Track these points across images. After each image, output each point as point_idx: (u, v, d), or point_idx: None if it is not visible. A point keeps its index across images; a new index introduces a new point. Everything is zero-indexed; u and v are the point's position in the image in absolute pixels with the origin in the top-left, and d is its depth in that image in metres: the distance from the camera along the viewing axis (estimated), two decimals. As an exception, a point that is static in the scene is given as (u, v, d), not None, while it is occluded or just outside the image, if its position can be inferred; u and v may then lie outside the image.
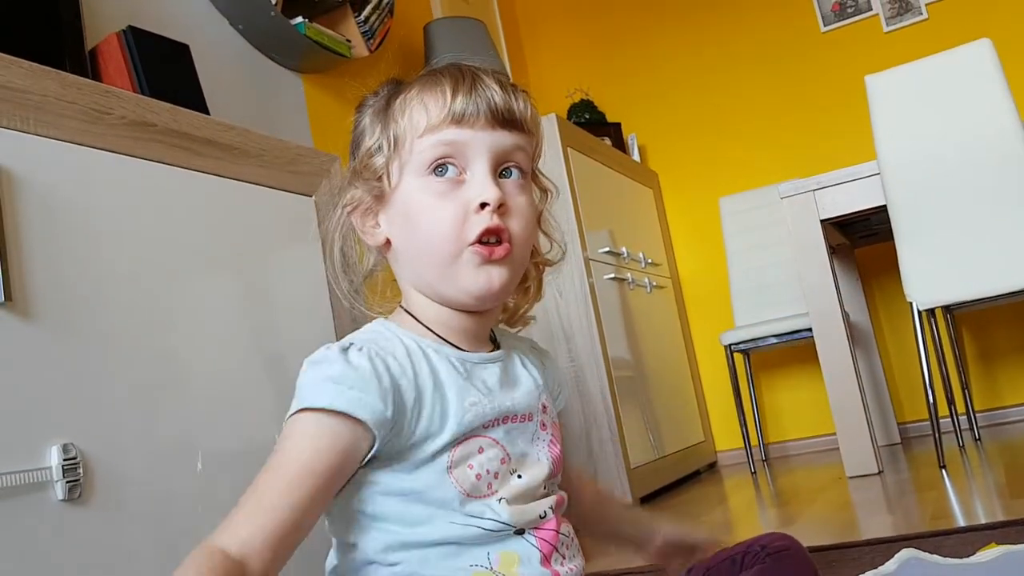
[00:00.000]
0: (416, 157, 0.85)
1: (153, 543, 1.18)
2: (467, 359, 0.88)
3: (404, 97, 0.87)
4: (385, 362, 0.80)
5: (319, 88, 2.69)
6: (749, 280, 3.47)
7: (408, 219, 0.86)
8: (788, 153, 3.58)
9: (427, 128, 0.84)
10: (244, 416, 1.41)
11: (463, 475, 0.82)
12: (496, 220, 0.83)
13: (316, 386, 0.78)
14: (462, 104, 0.83)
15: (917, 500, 2.03)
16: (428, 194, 0.84)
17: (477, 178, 0.84)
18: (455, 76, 0.85)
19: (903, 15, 3.46)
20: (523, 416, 0.88)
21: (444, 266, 0.84)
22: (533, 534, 0.85)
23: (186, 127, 1.41)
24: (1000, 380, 3.26)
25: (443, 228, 0.83)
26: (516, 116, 0.86)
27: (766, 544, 0.93)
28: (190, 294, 1.37)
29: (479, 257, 0.83)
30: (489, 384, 0.87)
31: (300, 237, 1.65)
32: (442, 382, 0.84)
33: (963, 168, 2.39)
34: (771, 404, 3.62)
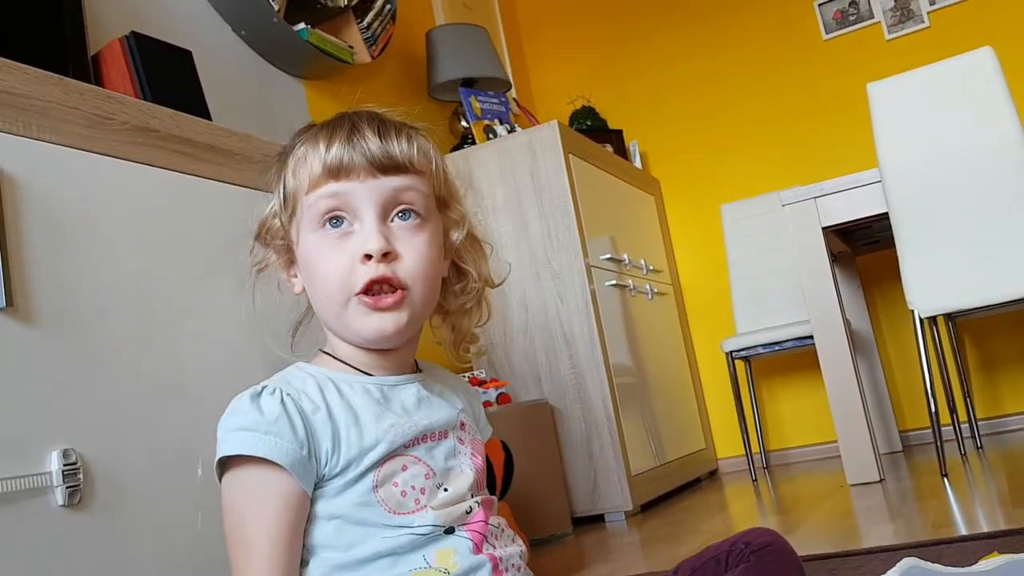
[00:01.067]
0: (307, 213, 0.87)
1: (153, 550, 1.18)
2: (383, 383, 0.91)
3: (294, 154, 0.90)
4: (297, 403, 0.84)
5: (321, 94, 2.69)
6: (750, 287, 3.47)
7: (308, 269, 0.89)
8: (790, 160, 3.58)
9: (310, 184, 0.86)
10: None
11: (388, 493, 0.85)
12: (382, 270, 0.85)
13: (231, 436, 0.82)
14: (336, 156, 0.85)
15: (919, 508, 2.03)
16: (321, 247, 0.87)
17: (364, 228, 0.86)
18: (332, 128, 0.88)
19: (905, 23, 3.46)
20: (440, 434, 0.91)
21: (337, 315, 0.88)
22: (463, 529, 0.88)
23: (188, 133, 1.41)
24: (1002, 388, 3.26)
25: (331, 279, 0.86)
26: (398, 159, 0.88)
27: (750, 541, 0.93)
28: (191, 300, 1.37)
29: (365, 307, 0.86)
30: (407, 405, 0.90)
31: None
32: (356, 411, 0.87)
33: (965, 176, 2.39)
34: (772, 411, 3.62)
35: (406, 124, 0.91)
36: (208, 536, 1.27)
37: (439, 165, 0.94)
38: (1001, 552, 1.34)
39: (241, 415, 0.83)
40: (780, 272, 3.40)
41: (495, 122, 3.08)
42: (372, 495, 0.84)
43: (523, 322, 2.77)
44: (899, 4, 3.47)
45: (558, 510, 2.52)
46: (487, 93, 3.16)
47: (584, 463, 2.68)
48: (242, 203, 1.52)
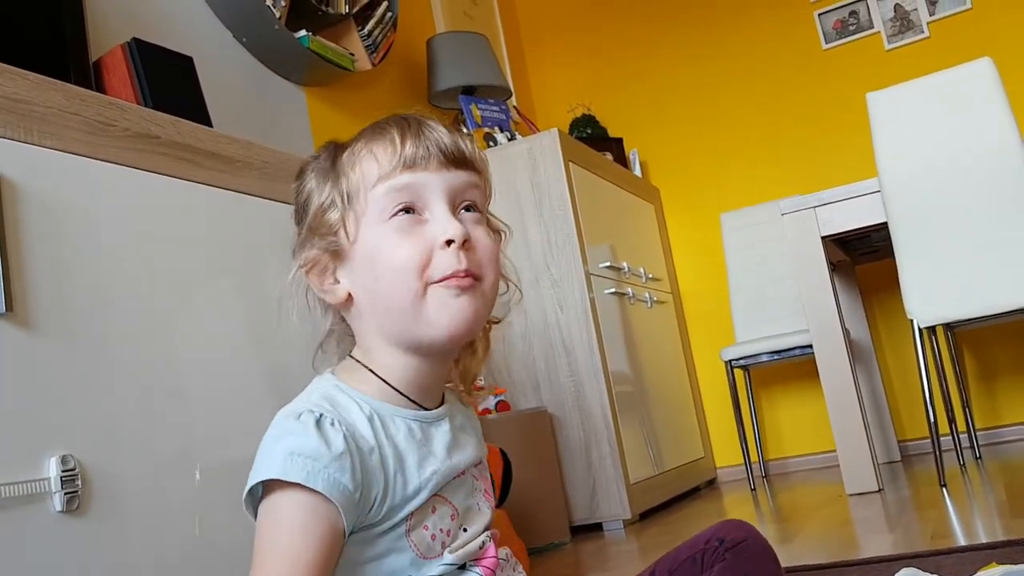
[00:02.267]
0: (372, 207, 0.84)
1: (152, 555, 1.18)
2: (423, 419, 0.87)
3: (351, 151, 0.86)
4: (356, 440, 0.80)
5: (322, 101, 2.70)
6: (750, 296, 3.47)
7: (371, 265, 0.84)
8: (789, 169, 3.59)
9: (379, 177, 0.83)
10: (243, 429, 1.41)
11: (420, 537, 0.82)
12: (464, 262, 0.82)
13: (290, 459, 0.76)
14: (412, 148, 0.83)
15: (917, 518, 2.03)
16: (390, 235, 0.83)
17: (438, 216, 0.83)
18: (400, 124, 0.85)
19: (904, 33, 3.47)
20: (462, 472, 0.89)
21: (411, 306, 0.82)
22: (475, 565, 0.87)
23: (189, 139, 1.41)
24: (1000, 398, 3.26)
25: (408, 265, 0.82)
26: (466, 155, 0.86)
27: (724, 537, 0.92)
28: (191, 306, 1.37)
29: (448, 290, 0.82)
30: (444, 444, 0.87)
31: (301, 250, 1.65)
32: (402, 455, 0.83)
33: (964, 186, 2.39)
34: (771, 420, 3.62)
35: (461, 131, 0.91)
36: (206, 542, 1.27)
37: (490, 176, 0.92)
38: (1000, 563, 1.34)
39: (303, 439, 0.77)
40: (779, 281, 3.40)
41: (495, 130, 3.09)
42: (405, 540, 0.81)
43: (522, 329, 2.77)
44: (899, 14, 3.48)
45: (556, 518, 2.51)
46: (487, 101, 3.16)
47: (583, 471, 2.67)
48: (242, 209, 1.52)
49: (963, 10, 3.37)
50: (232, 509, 1.34)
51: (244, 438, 1.40)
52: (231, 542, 1.32)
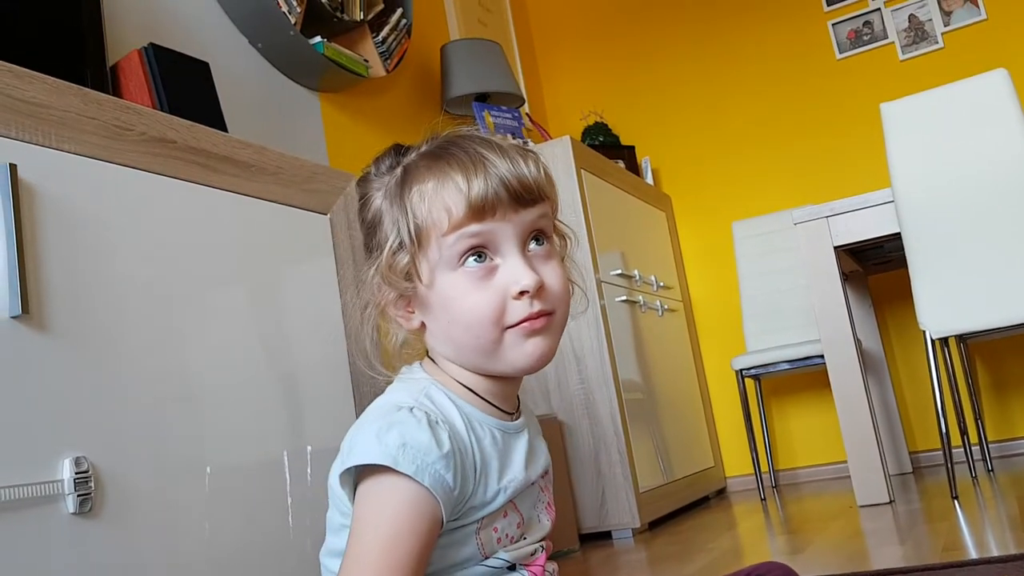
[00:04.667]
0: (445, 253, 0.84)
1: (163, 558, 1.18)
2: (505, 429, 0.89)
3: (419, 189, 0.85)
4: (459, 443, 0.82)
5: (336, 107, 2.71)
6: (761, 305, 3.46)
7: (444, 310, 0.86)
8: (802, 179, 3.58)
9: (451, 226, 0.83)
10: (253, 434, 1.42)
11: (488, 537, 0.85)
12: (537, 307, 0.83)
13: (402, 450, 0.78)
14: (480, 196, 0.82)
15: (928, 531, 2.02)
16: (464, 284, 0.84)
17: (510, 263, 0.84)
18: (465, 165, 0.83)
19: (919, 43, 3.46)
20: (533, 482, 0.91)
21: (488, 352, 0.85)
22: (524, 568, 0.88)
23: (204, 144, 1.42)
24: (1013, 411, 3.24)
25: (482, 316, 0.83)
26: (532, 188, 0.85)
27: (764, 574, 0.93)
28: (205, 310, 1.38)
29: (522, 333, 0.84)
30: (522, 454, 0.89)
31: (315, 255, 1.66)
32: (487, 460, 0.85)
33: (977, 197, 2.38)
34: (782, 430, 3.60)
35: (522, 147, 0.88)
36: (216, 545, 1.28)
37: (555, 186, 0.91)
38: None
39: (416, 432, 0.79)
40: (791, 291, 3.39)
41: (508, 137, 3.09)
42: (474, 537, 0.84)
43: (533, 337, 2.77)
44: (913, 25, 3.47)
45: (565, 526, 2.51)
46: (500, 108, 3.17)
47: (592, 479, 2.67)
48: (256, 214, 1.53)
49: (978, 21, 3.36)
50: (242, 513, 1.35)
51: (253, 443, 1.41)
52: (241, 545, 1.33)
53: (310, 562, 1.43)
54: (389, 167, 0.90)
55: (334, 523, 0.89)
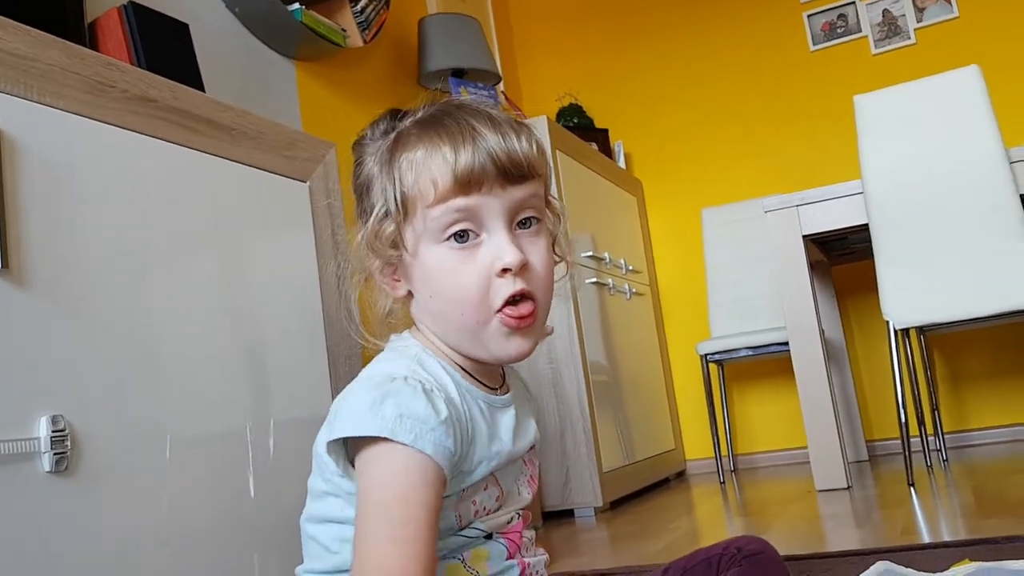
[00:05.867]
0: (430, 225, 0.83)
1: (138, 518, 1.17)
2: (492, 403, 0.89)
3: (409, 158, 0.84)
4: (455, 409, 0.81)
5: (312, 76, 2.68)
6: (727, 292, 3.50)
7: (430, 285, 0.85)
8: (772, 168, 3.62)
9: (436, 198, 0.82)
10: (222, 400, 1.40)
11: (466, 509, 0.85)
12: (520, 284, 0.82)
13: (400, 421, 0.77)
14: (466, 168, 0.81)
15: (886, 516, 2.06)
16: (448, 261, 0.83)
17: (495, 240, 0.83)
18: (453, 136, 0.82)
19: (891, 38, 3.51)
20: (519, 457, 0.91)
21: (472, 333, 0.84)
22: (501, 536, 0.89)
23: (186, 105, 1.40)
24: (968, 403, 3.31)
25: (467, 295, 0.82)
26: (523, 165, 0.84)
27: (741, 547, 0.95)
28: (181, 273, 1.36)
29: (507, 328, 0.83)
30: (509, 429, 0.89)
31: (293, 223, 1.64)
32: (478, 430, 0.85)
33: (946, 191, 2.43)
34: (741, 415, 3.66)
35: (516, 121, 0.86)
36: (189, 506, 1.27)
37: (549, 162, 0.90)
38: (972, 560, 1.37)
39: (412, 402, 0.78)
40: (756, 279, 3.43)
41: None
42: (452, 511, 0.83)
43: (503, 315, 2.77)
44: (886, 19, 3.52)
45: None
46: (476, 85, 3.16)
47: (557, 458, 2.69)
48: (236, 179, 1.51)
49: (950, 18, 3.41)
50: (212, 477, 1.34)
51: (221, 409, 1.39)
52: (212, 508, 1.32)
53: (287, 526, 1.42)
54: (384, 132, 0.89)
55: (317, 489, 0.88)
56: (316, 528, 0.89)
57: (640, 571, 1.03)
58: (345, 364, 1.66)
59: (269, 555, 1.39)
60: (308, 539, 0.90)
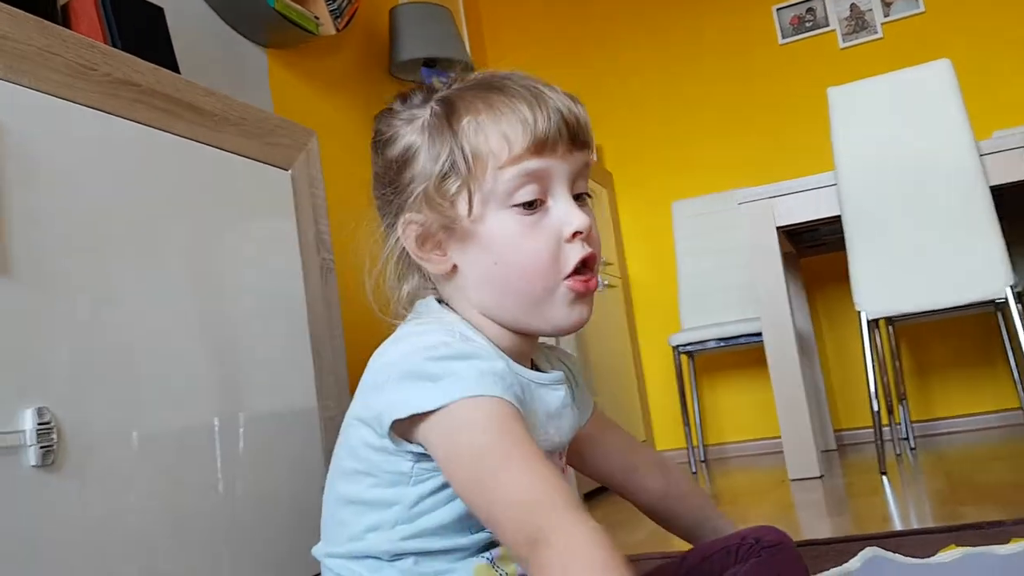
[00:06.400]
0: (498, 188, 0.80)
1: (125, 512, 1.14)
2: (534, 380, 0.86)
3: (474, 119, 0.81)
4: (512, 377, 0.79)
5: (283, 65, 2.63)
6: (697, 284, 3.52)
7: (494, 254, 0.82)
8: (741, 161, 3.64)
9: (509, 159, 0.80)
10: (201, 393, 1.37)
11: None
12: (588, 248, 0.82)
13: (482, 377, 0.74)
14: (543, 130, 0.80)
15: (862, 504, 2.08)
16: (516, 227, 0.81)
17: (561, 205, 0.82)
18: (528, 99, 0.81)
19: (859, 33, 3.55)
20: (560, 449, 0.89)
21: (536, 302, 0.82)
22: None
23: (168, 89, 1.36)
24: (934, 392, 3.37)
25: (539, 263, 0.80)
26: (587, 130, 0.84)
27: (760, 537, 0.95)
28: (163, 260, 1.32)
29: (574, 293, 0.82)
30: (548, 411, 0.86)
31: (275, 212, 1.61)
32: (524, 406, 0.81)
33: (917, 183, 2.46)
34: (711, 406, 3.68)
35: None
36: (178, 500, 1.24)
37: None
38: (958, 545, 1.39)
39: (482, 359, 0.75)
40: (727, 271, 3.45)
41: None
42: None
43: (477, 306, 2.76)
44: (854, 14, 3.55)
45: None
46: (449, 75, 3.12)
47: (532, 449, 2.68)
48: (217, 165, 1.47)
49: (917, 13, 3.45)
50: (202, 467, 1.30)
51: (201, 400, 1.36)
52: (202, 500, 1.29)
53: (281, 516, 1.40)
54: (423, 101, 0.86)
55: (344, 467, 0.85)
56: (345, 510, 0.85)
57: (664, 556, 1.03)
58: (331, 358, 1.64)
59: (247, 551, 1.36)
60: (334, 522, 0.86)
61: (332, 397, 1.62)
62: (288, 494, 1.45)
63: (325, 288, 1.67)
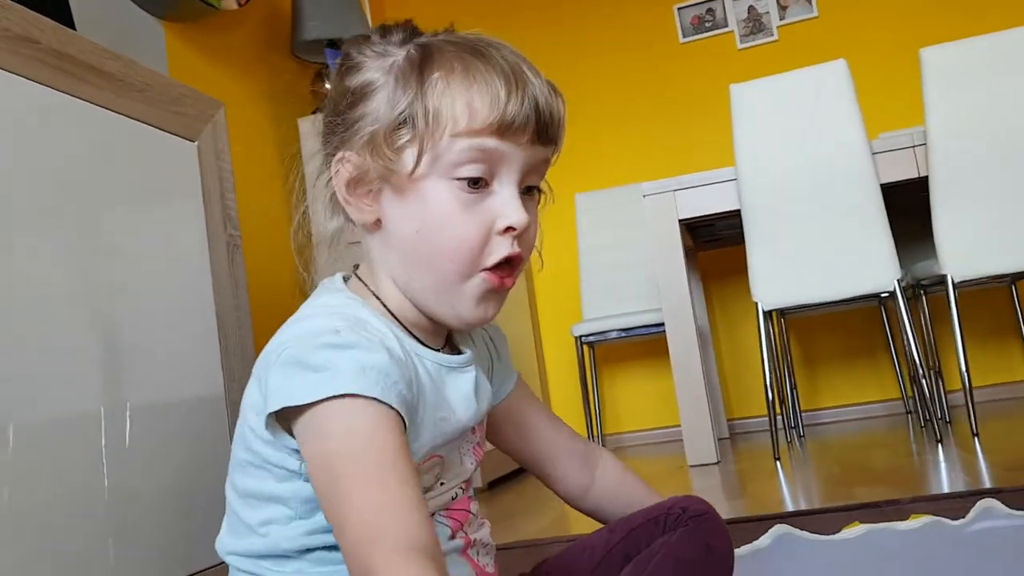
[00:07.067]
0: (447, 155, 0.76)
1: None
2: (442, 363, 0.83)
3: (446, 79, 0.77)
4: (403, 365, 0.74)
5: (182, 39, 2.53)
6: (598, 276, 3.56)
7: (422, 221, 0.78)
8: (644, 156, 3.71)
9: (467, 129, 0.76)
10: (74, 377, 1.30)
11: None
12: (517, 248, 0.79)
13: (363, 373, 0.69)
14: (512, 113, 0.76)
15: (762, 486, 2.15)
16: (452, 201, 0.77)
17: (505, 195, 0.78)
18: (507, 76, 0.77)
19: (756, 34, 3.65)
20: (471, 426, 0.86)
21: (448, 285, 0.78)
22: (443, 515, 0.84)
23: (71, 49, 1.28)
24: (820, 383, 3.50)
25: (462, 246, 0.77)
26: (556, 128, 0.81)
27: (687, 507, 0.95)
28: (55, 231, 1.24)
29: (488, 286, 0.79)
30: (461, 394, 0.83)
31: (179, 184, 1.54)
32: (424, 392, 0.78)
33: (814, 179, 2.54)
34: (609, 396, 3.73)
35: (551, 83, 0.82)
36: (59, 492, 1.17)
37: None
38: (861, 522, 1.44)
39: (371, 353, 0.71)
40: (627, 263, 3.51)
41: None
42: None
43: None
44: (752, 16, 3.66)
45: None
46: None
47: (436, 438, 2.66)
48: (121, 132, 1.40)
49: (810, 18, 3.59)
50: (89, 457, 1.23)
51: (88, 387, 1.28)
52: (86, 493, 1.22)
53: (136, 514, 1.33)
54: (401, 42, 0.82)
55: (238, 458, 0.80)
56: (239, 503, 0.81)
57: (574, 539, 1.01)
58: (237, 339, 1.58)
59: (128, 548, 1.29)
60: (232, 513, 0.83)
61: (239, 380, 1.56)
62: (190, 482, 1.39)
63: (232, 266, 1.60)
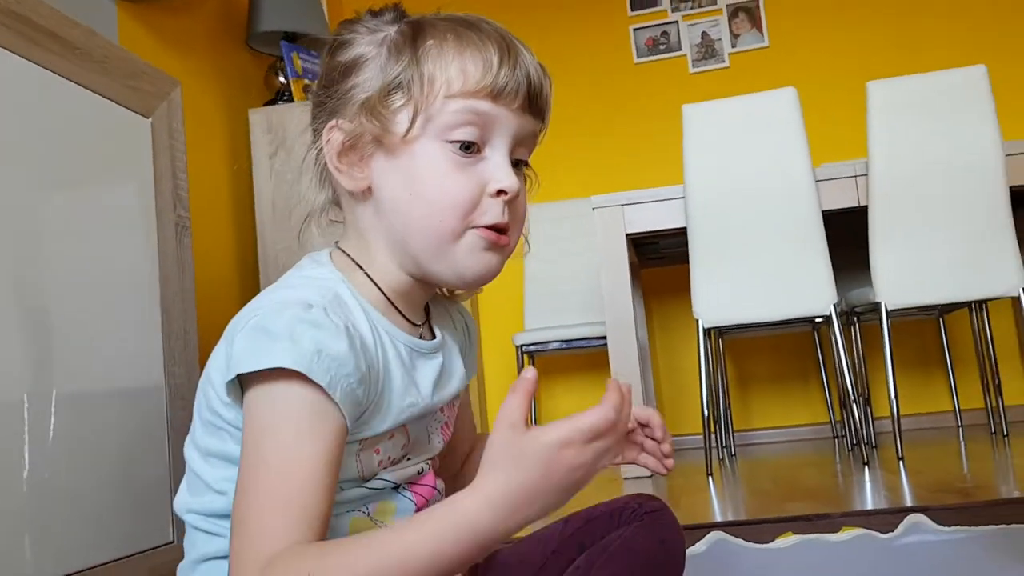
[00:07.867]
0: (440, 117, 0.77)
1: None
2: (414, 348, 0.83)
3: (439, 46, 0.79)
4: (367, 354, 0.74)
5: (135, 20, 2.48)
6: (541, 287, 3.58)
7: (415, 181, 0.78)
8: (593, 171, 3.75)
9: (461, 91, 0.77)
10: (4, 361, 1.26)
11: (368, 458, 0.79)
12: (507, 216, 0.79)
13: (317, 357, 0.68)
14: (505, 78, 0.78)
15: (695, 499, 2.18)
16: (444, 162, 0.77)
17: (497, 160, 0.79)
18: (500, 45, 0.79)
19: (708, 60, 3.73)
20: (438, 408, 0.86)
21: (444, 243, 0.78)
22: (409, 489, 0.84)
23: (30, 12, 1.25)
24: (753, 404, 3.57)
25: (456, 201, 0.77)
26: (544, 102, 0.83)
27: (642, 503, 0.96)
28: (17, 201, 1.21)
29: (485, 241, 0.79)
30: (431, 379, 0.84)
31: (132, 159, 1.51)
32: (392, 378, 0.78)
33: (759, 202, 2.60)
34: (548, 408, 3.75)
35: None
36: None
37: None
38: (794, 533, 1.47)
39: (333, 339, 0.70)
40: (571, 276, 3.53)
41: (314, 83, 2.98)
42: (354, 459, 0.77)
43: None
44: (704, 41, 3.73)
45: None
46: (310, 52, 3.05)
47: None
48: (75, 102, 1.37)
49: (761, 47, 3.67)
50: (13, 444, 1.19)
51: (15, 372, 1.24)
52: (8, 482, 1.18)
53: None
54: (392, 19, 0.83)
55: (201, 417, 0.79)
56: (200, 462, 0.80)
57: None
58: (181, 322, 1.54)
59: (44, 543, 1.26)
60: (191, 472, 0.81)
61: (181, 364, 1.53)
62: (126, 466, 1.35)
63: (179, 248, 1.57)
